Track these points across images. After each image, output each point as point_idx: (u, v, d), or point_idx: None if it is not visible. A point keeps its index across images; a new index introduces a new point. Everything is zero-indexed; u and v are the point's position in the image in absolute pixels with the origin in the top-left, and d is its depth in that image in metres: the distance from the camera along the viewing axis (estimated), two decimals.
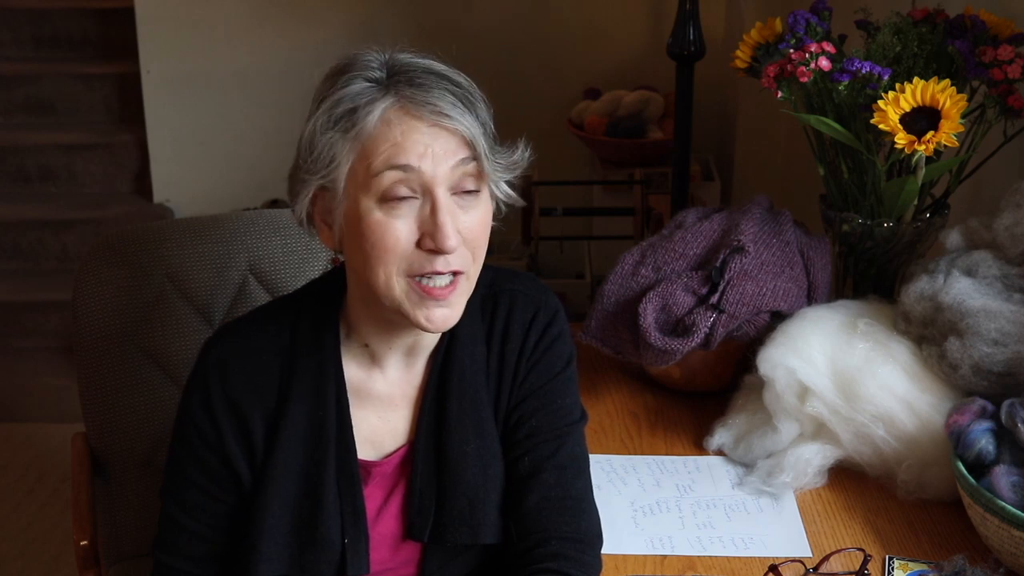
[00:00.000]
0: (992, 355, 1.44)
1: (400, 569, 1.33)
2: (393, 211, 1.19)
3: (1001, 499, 1.29)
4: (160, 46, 3.54)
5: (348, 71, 1.21)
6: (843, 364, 1.51)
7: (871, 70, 1.56)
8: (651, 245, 1.74)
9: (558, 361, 1.35)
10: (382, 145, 1.18)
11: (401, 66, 1.22)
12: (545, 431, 1.32)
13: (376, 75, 1.20)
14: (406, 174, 1.18)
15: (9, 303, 3.59)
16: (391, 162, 1.18)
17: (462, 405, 1.31)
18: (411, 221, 1.20)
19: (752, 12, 2.98)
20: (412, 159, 1.18)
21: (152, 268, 1.64)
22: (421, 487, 1.30)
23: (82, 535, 1.58)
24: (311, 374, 1.28)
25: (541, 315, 1.35)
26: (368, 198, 1.19)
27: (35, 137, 3.78)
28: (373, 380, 1.32)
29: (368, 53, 1.23)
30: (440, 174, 1.19)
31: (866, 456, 1.50)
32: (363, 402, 1.31)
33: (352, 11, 3.54)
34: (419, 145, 1.18)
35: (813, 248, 1.72)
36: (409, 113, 1.19)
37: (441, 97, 1.19)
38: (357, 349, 1.31)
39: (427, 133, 1.18)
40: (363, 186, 1.19)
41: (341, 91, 1.19)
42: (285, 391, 1.28)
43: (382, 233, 1.19)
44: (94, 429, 1.66)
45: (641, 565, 1.39)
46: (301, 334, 1.30)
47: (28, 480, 3.13)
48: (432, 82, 1.21)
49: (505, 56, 3.56)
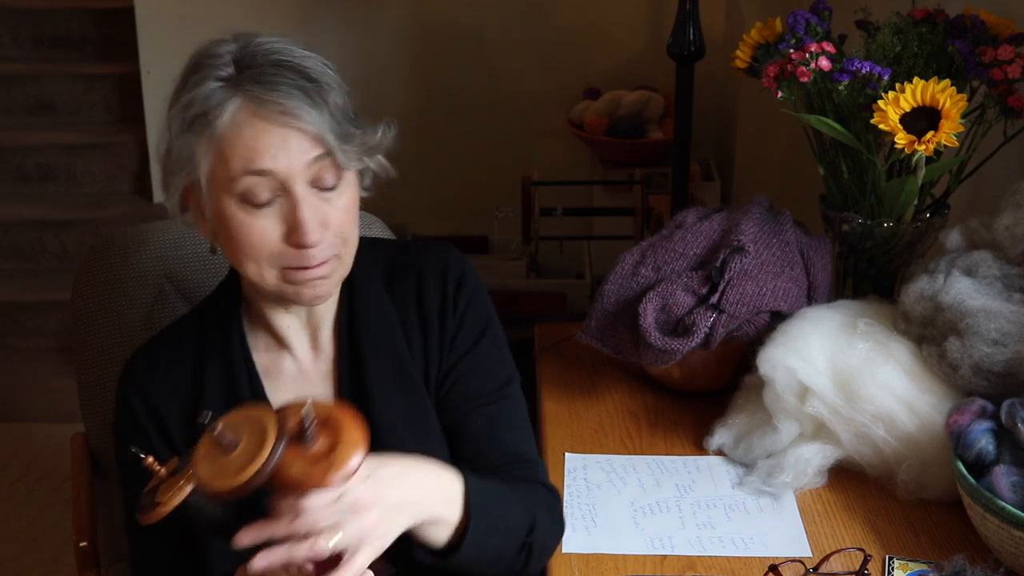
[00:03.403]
0: (992, 355, 1.44)
1: None
2: (256, 211, 1.21)
3: (1001, 499, 1.29)
4: (160, 46, 3.54)
5: (199, 70, 1.21)
6: (843, 364, 1.51)
7: (871, 70, 1.56)
8: (651, 245, 1.74)
9: (478, 322, 1.38)
10: (236, 149, 1.18)
11: (251, 59, 1.21)
12: (478, 395, 1.36)
13: (225, 73, 1.20)
14: (262, 177, 1.19)
15: (9, 303, 3.59)
16: (247, 167, 1.19)
17: (380, 371, 1.33)
18: (275, 218, 1.21)
19: (752, 12, 2.98)
20: (266, 162, 1.18)
21: (151, 268, 1.64)
22: None
23: (82, 535, 1.58)
24: (221, 366, 1.32)
25: (451, 277, 1.37)
26: (229, 198, 1.21)
27: (35, 137, 3.78)
28: (283, 361, 1.35)
29: (221, 44, 1.23)
30: (296, 172, 1.20)
31: (866, 456, 1.50)
32: (277, 383, 1.34)
33: (352, 11, 3.54)
34: (271, 147, 1.18)
35: (813, 248, 1.72)
36: (257, 115, 1.18)
37: (288, 95, 1.18)
38: (263, 336, 1.34)
39: (277, 134, 1.18)
40: (223, 187, 1.20)
41: (192, 92, 1.20)
42: (199, 387, 1.31)
43: (247, 232, 1.21)
44: (94, 429, 1.66)
45: (641, 565, 1.39)
46: (208, 333, 1.33)
47: (28, 480, 3.13)
48: (280, 77, 1.19)
49: (505, 56, 3.56)
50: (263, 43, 1.23)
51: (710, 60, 2.59)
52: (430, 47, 3.58)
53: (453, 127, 3.63)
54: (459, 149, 3.65)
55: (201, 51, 1.23)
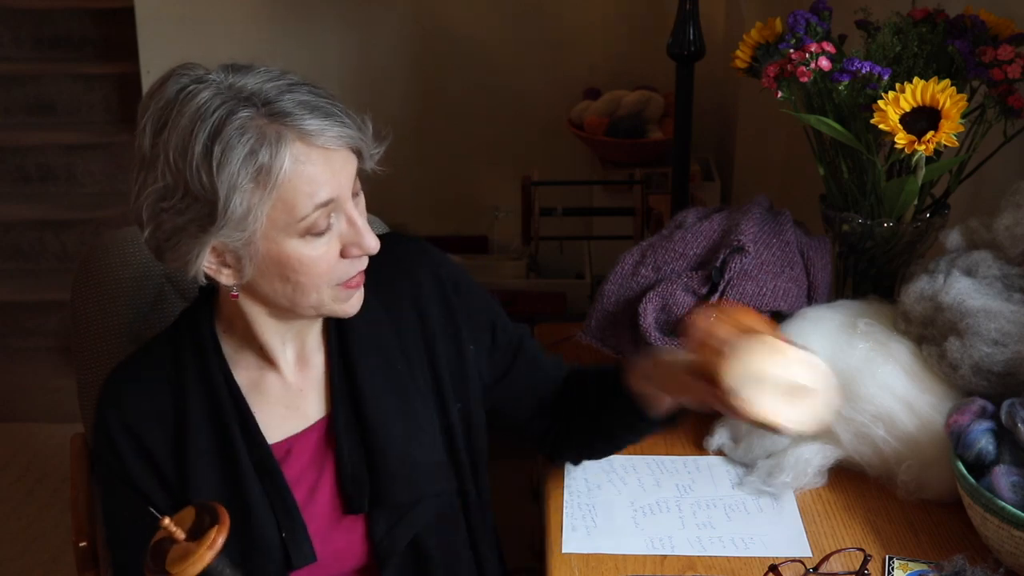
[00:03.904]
0: (992, 355, 1.44)
1: (349, 547, 1.34)
2: (319, 240, 1.21)
3: (1001, 499, 1.29)
4: (160, 46, 3.54)
5: (216, 136, 1.14)
6: (843, 364, 1.51)
7: (871, 70, 1.56)
8: (651, 245, 1.74)
9: (487, 316, 1.45)
10: (297, 190, 1.17)
11: (261, 95, 1.17)
12: (506, 344, 1.46)
13: (247, 115, 1.15)
14: (327, 207, 1.20)
15: (9, 303, 3.59)
16: (315, 202, 1.18)
17: (371, 371, 1.34)
18: (333, 240, 1.23)
19: (752, 12, 2.98)
20: (331, 191, 1.19)
21: (152, 268, 1.64)
22: (350, 458, 1.33)
23: (81, 535, 1.58)
24: (202, 388, 1.30)
25: (446, 279, 1.41)
26: (290, 236, 1.20)
27: (35, 137, 3.78)
28: (269, 377, 1.34)
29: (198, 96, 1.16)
30: (346, 191, 1.22)
31: (866, 456, 1.50)
32: (265, 398, 1.33)
33: (352, 11, 3.54)
34: (327, 174, 1.19)
35: (813, 248, 1.72)
36: (310, 144, 1.17)
37: (319, 113, 1.18)
38: (247, 354, 1.33)
39: (332, 159, 1.19)
40: (284, 228, 1.19)
41: (234, 155, 1.14)
42: (182, 410, 1.29)
43: (312, 263, 1.22)
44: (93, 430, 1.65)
45: (641, 565, 1.39)
46: (183, 356, 1.31)
47: (28, 480, 3.13)
48: (296, 103, 1.17)
49: (505, 56, 3.56)
50: (245, 80, 1.19)
51: (710, 60, 2.59)
52: (430, 47, 3.58)
53: (453, 127, 3.62)
54: (459, 149, 3.64)
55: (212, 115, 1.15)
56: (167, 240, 1.20)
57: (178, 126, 1.16)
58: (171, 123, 1.17)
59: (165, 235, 1.20)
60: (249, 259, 1.20)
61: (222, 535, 1.12)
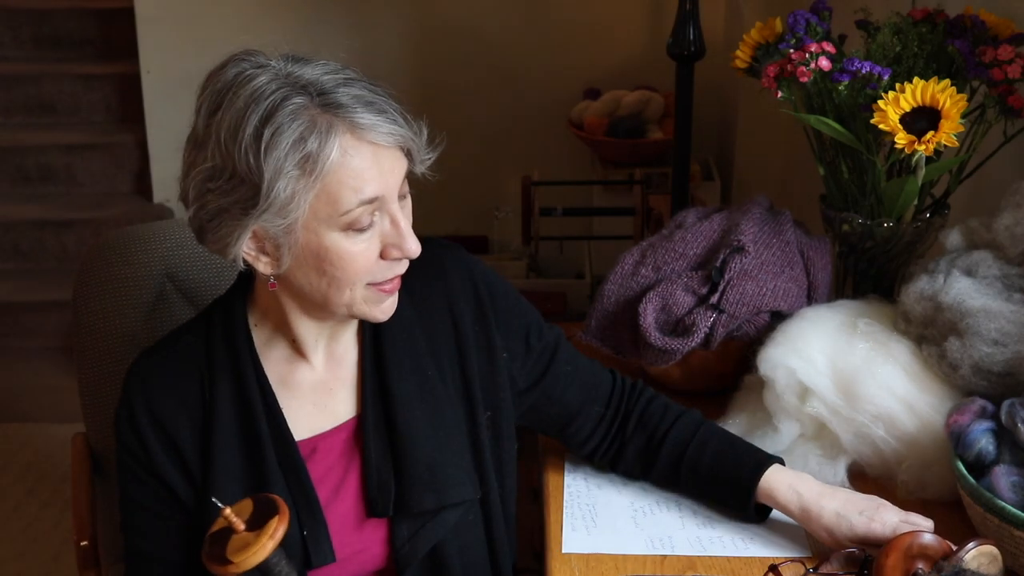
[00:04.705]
0: (992, 355, 1.44)
1: (369, 549, 1.33)
2: (358, 236, 1.21)
3: (1001, 499, 1.29)
4: (160, 46, 3.55)
5: (269, 117, 1.15)
6: (843, 364, 1.51)
7: (871, 70, 1.56)
8: (651, 245, 1.74)
9: (522, 321, 1.43)
10: (342, 183, 1.17)
11: (310, 83, 1.18)
12: (541, 349, 1.45)
13: (300, 103, 1.16)
14: (371, 204, 1.20)
15: (9, 303, 3.60)
16: (359, 198, 1.18)
17: (402, 375, 1.33)
18: (374, 239, 1.23)
19: (752, 12, 2.98)
20: (377, 189, 1.19)
21: (152, 268, 1.64)
22: (377, 462, 1.32)
23: (82, 535, 1.58)
24: (231, 379, 1.30)
25: (479, 282, 1.40)
26: (331, 229, 1.20)
27: (35, 137, 3.78)
28: (300, 372, 1.34)
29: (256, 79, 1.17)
30: (392, 191, 1.21)
31: (866, 456, 1.50)
32: (294, 392, 1.33)
33: (353, 11, 3.54)
34: (375, 170, 1.19)
35: (813, 248, 1.72)
36: (362, 139, 1.18)
37: (370, 110, 1.18)
38: (280, 346, 1.33)
39: (381, 156, 1.19)
40: (326, 220, 1.19)
41: (284, 138, 1.15)
42: (210, 402, 1.29)
43: (351, 259, 1.21)
44: (94, 429, 1.66)
45: (641, 565, 1.39)
46: (214, 346, 1.31)
47: (28, 480, 3.13)
48: (352, 96, 1.18)
49: (505, 56, 3.56)
50: (302, 64, 1.20)
51: (710, 60, 2.59)
52: (430, 47, 3.58)
53: (453, 127, 3.62)
54: (459, 149, 3.64)
55: (266, 98, 1.16)
56: (210, 221, 1.21)
57: (232, 107, 1.17)
58: (226, 104, 1.18)
59: (208, 215, 1.20)
60: (288, 248, 1.20)
61: (283, 526, 1.14)
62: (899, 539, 1.23)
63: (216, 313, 1.34)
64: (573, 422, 1.49)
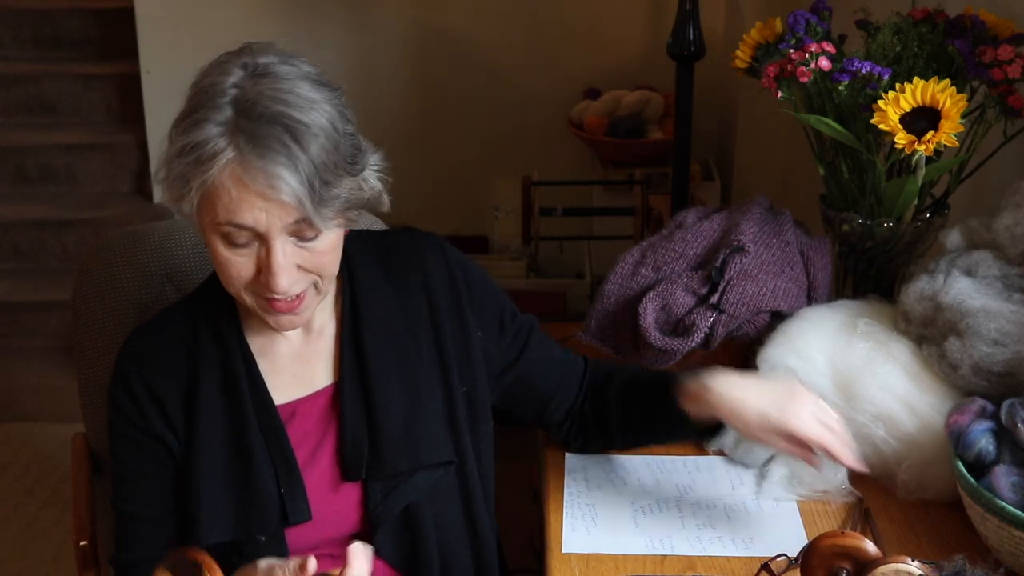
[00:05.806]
0: (992, 355, 1.44)
1: (344, 511, 1.37)
2: (234, 249, 1.24)
3: (1001, 499, 1.29)
4: (160, 46, 3.54)
5: (200, 107, 1.22)
6: (843, 364, 1.51)
7: (871, 70, 1.56)
8: (651, 245, 1.74)
9: (485, 283, 1.48)
10: (221, 200, 1.21)
11: (250, 108, 1.20)
12: (515, 333, 1.50)
13: (224, 116, 1.20)
14: (242, 229, 1.23)
15: (9, 303, 3.59)
16: (228, 219, 1.22)
17: (379, 347, 1.39)
18: (251, 258, 1.25)
19: (752, 12, 2.97)
20: (247, 220, 1.21)
21: (152, 268, 1.64)
22: (353, 428, 1.37)
23: (82, 535, 1.58)
24: (215, 348, 1.36)
25: (438, 255, 1.45)
26: (212, 232, 1.24)
27: (35, 137, 3.78)
28: (279, 344, 1.39)
29: (229, 69, 1.24)
30: (274, 230, 1.23)
31: (866, 456, 1.49)
32: (273, 362, 1.39)
33: (353, 11, 3.54)
34: (252, 210, 1.21)
35: (813, 248, 1.72)
36: (242, 181, 1.19)
37: (274, 161, 1.19)
38: (257, 318, 1.36)
39: (257, 205, 1.21)
40: (207, 223, 1.24)
41: (191, 134, 1.21)
42: (194, 369, 1.35)
43: (226, 263, 1.26)
44: (94, 429, 1.66)
45: (641, 565, 1.39)
46: (202, 318, 1.37)
47: (28, 480, 3.13)
48: (272, 140, 1.19)
49: (505, 56, 3.56)
50: (268, 83, 1.22)
51: (710, 60, 2.59)
52: (430, 47, 3.58)
53: (453, 127, 3.62)
54: (459, 149, 3.64)
55: (208, 78, 1.24)
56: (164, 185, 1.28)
57: (197, 83, 1.26)
58: (198, 78, 1.27)
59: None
60: (201, 229, 1.27)
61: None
62: (820, 540, 1.24)
63: (204, 286, 1.41)
64: (548, 406, 1.54)
